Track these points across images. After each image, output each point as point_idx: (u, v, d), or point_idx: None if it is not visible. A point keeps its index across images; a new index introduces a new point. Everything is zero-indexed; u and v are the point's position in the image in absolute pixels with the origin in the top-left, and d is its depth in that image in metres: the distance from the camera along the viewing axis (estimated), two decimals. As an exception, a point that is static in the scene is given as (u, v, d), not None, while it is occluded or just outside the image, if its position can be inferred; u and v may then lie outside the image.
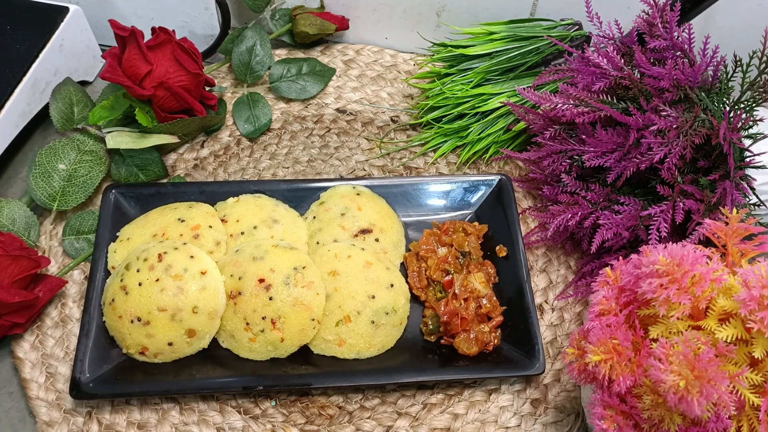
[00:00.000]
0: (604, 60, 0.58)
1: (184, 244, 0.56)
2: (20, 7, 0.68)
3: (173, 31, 0.65)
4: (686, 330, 0.40)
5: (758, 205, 0.57)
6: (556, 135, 0.61)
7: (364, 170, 0.71)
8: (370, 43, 0.81)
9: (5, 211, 0.62)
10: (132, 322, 0.53)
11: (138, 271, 0.55)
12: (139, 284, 0.54)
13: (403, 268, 0.61)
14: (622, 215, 0.56)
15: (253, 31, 0.74)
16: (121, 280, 0.55)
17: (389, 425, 0.56)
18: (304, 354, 0.56)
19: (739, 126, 0.54)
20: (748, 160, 0.55)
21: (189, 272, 0.54)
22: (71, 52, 0.71)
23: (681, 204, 0.54)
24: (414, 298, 0.60)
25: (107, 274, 0.58)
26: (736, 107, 0.56)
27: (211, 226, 0.59)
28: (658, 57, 0.59)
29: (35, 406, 0.55)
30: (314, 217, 0.62)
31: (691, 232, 0.54)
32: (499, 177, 0.64)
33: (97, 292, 0.57)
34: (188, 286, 0.54)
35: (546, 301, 0.63)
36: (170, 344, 0.54)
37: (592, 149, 0.57)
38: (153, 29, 0.65)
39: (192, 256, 0.55)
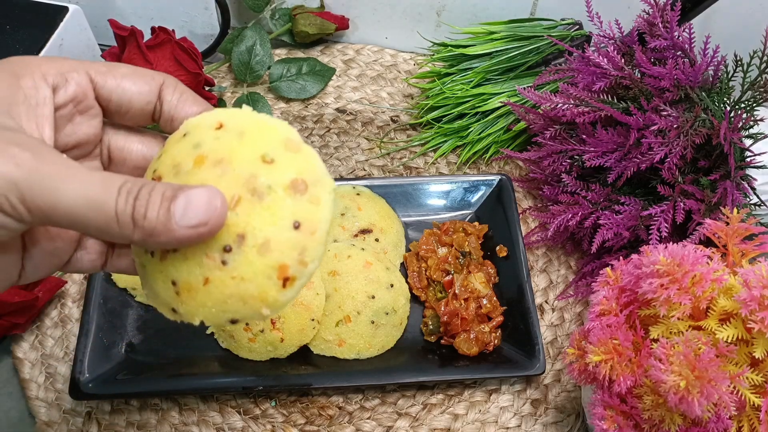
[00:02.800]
0: (605, 60, 0.58)
1: None
2: (20, 7, 0.68)
3: (173, 30, 0.65)
4: (687, 330, 0.40)
5: (759, 205, 0.57)
6: (557, 135, 0.61)
7: (364, 170, 0.71)
8: (370, 42, 0.81)
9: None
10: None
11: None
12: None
13: (403, 268, 0.61)
14: (622, 215, 0.56)
15: (253, 30, 0.74)
16: None
17: (389, 425, 0.56)
18: (303, 354, 0.56)
19: (739, 126, 0.54)
20: (748, 160, 0.55)
21: None
22: (71, 52, 0.71)
23: (681, 204, 0.54)
24: (414, 298, 0.60)
25: (107, 274, 0.58)
26: (737, 107, 0.56)
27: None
28: (658, 57, 0.59)
29: (35, 407, 0.55)
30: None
31: (692, 232, 0.54)
32: (499, 177, 0.64)
33: (97, 292, 0.56)
34: None
35: (546, 301, 0.63)
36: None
37: (592, 149, 0.57)
38: (153, 29, 0.65)
39: None
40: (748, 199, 0.56)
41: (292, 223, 0.26)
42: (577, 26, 0.70)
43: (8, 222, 0.25)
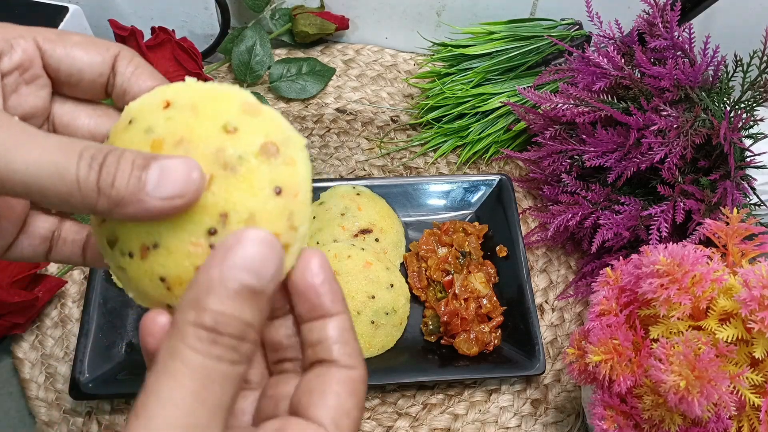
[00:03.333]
0: (605, 60, 0.58)
1: None
2: (20, 7, 0.68)
3: (173, 31, 0.65)
4: (687, 330, 0.40)
5: (759, 205, 0.57)
6: (557, 135, 0.61)
7: (364, 170, 0.71)
8: (370, 42, 0.81)
9: (5, 211, 0.62)
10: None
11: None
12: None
13: (403, 268, 0.61)
14: (622, 215, 0.56)
15: (253, 30, 0.74)
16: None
17: (389, 425, 0.56)
18: (304, 354, 0.56)
19: (739, 126, 0.54)
20: (748, 160, 0.55)
21: None
22: (71, 52, 0.71)
23: (681, 204, 0.54)
24: (414, 298, 0.60)
25: (107, 274, 0.58)
26: (737, 107, 0.56)
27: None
28: (658, 57, 0.59)
29: (35, 406, 0.55)
30: (314, 217, 0.62)
31: (692, 232, 0.54)
32: (499, 177, 0.64)
33: (97, 292, 0.56)
34: None
35: (546, 301, 0.63)
36: None
37: (592, 149, 0.57)
38: (153, 29, 0.65)
39: None
40: (748, 199, 0.56)
41: (273, 189, 0.25)
42: (577, 26, 0.70)
43: None
